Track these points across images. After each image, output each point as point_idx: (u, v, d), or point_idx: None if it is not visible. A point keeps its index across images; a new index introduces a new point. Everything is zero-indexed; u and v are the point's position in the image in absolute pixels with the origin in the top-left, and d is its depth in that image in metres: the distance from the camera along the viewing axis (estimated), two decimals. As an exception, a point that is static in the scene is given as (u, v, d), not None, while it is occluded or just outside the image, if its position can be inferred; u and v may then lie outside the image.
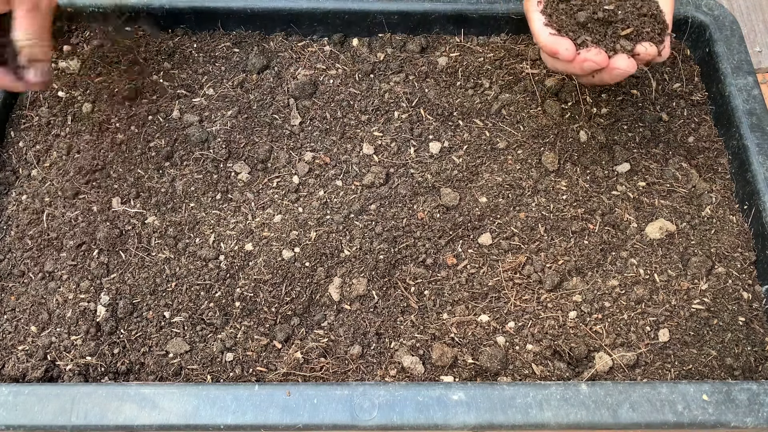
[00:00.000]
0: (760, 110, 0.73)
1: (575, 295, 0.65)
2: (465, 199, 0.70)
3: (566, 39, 0.62)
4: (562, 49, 0.61)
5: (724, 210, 0.71)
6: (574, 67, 0.62)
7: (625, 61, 0.61)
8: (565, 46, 0.61)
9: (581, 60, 0.61)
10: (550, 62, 0.65)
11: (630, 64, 0.61)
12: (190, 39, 0.80)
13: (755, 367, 0.62)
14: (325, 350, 0.62)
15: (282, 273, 0.65)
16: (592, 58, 0.61)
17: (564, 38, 0.62)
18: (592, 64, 0.61)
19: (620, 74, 0.62)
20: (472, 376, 0.61)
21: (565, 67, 0.63)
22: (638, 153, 0.74)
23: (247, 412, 0.55)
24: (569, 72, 0.64)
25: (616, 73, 0.62)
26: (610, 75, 0.62)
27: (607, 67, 0.61)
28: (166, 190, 0.70)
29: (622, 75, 0.62)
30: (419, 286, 0.65)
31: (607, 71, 0.62)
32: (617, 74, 0.62)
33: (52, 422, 0.54)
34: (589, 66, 0.61)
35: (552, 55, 0.62)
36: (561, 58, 0.61)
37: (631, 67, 0.61)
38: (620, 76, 0.62)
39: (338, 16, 0.80)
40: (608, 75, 0.62)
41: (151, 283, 0.65)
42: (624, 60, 0.61)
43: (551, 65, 0.65)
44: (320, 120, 0.75)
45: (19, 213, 0.68)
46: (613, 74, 0.62)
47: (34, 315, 0.63)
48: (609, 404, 0.56)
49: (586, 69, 0.62)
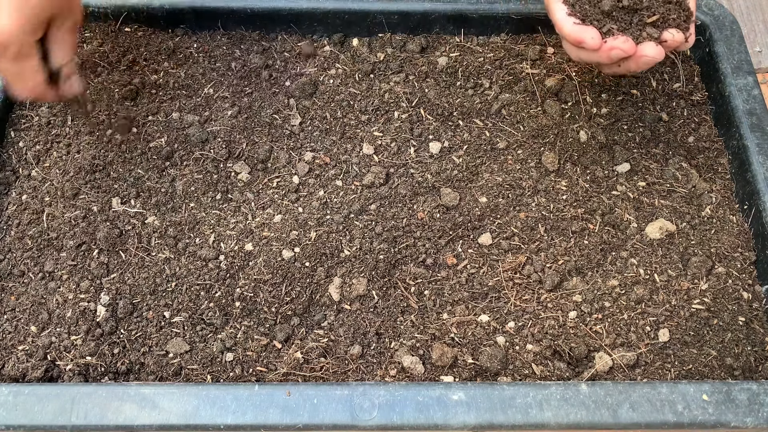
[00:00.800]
0: (760, 110, 0.73)
1: (575, 295, 0.65)
2: (465, 199, 0.70)
3: (592, 28, 0.61)
4: (588, 38, 0.60)
5: (724, 210, 0.71)
6: (601, 55, 0.61)
7: (653, 49, 0.60)
8: (590, 34, 0.60)
9: (608, 48, 0.60)
10: (574, 53, 0.64)
11: (658, 51, 0.60)
12: (190, 39, 0.80)
13: (755, 367, 0.62)
14: (325, 350, 0.62)
15: (282, 273, 0.65)
16: (620, 45, 0.60)
17: (589, 27, 0.61)
18: (620, 52, 0.60)
19: (648, 62, 0.61)
20: (472, 376, 0.61)
21: (590, 57, 0.62)
22: (638, 153, 0.74)
23: (247, 412, 0.55)
24: (594, 61, 0.63)
25: (643, 61, 0.61)
26: (636, 63, 0.61)
27: (635, 55, 0.61)
28: (166, 190, 0.70)
29: (650, 62, 0.61)
30: (419, 286, 0.65)
31: (634, 59, 0.61)
32: (645, 62, 0.61)
33: (52, 422, 0.54)
34: (617, 54, 0.60)
35: (577, 45, 0.61)
36: (587, 47, 0.61)
37: (660, 54, 0.60)
38: (648, 63, 0.61)
39: (338, 16, 0.80)
40: (635, 63, 0.61)
41: (151, 283, 0.65)
42: (652, 47, 0.60)
43: (575, 56, 0.64)
44: (320, 120, 0.75)
45: (19, 213, 0.68)
46: (640, 62, 0.61)
47: (34, 315, 0.63)
48: (609, 404, 0.56)
49: (613, 57, 0.61)
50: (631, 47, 0.60)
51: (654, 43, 0.61)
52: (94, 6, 0.78)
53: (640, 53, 0.61)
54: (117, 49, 0.78)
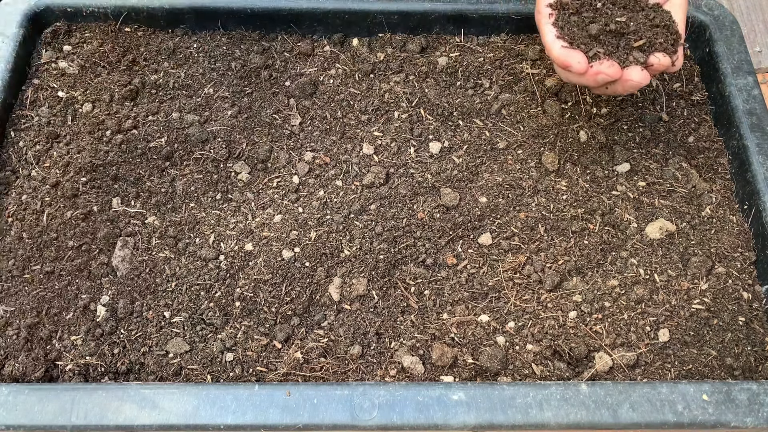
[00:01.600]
0: (760, 110, 0.73)
1: (575, 295, 0.65)
2: (465, 199, 0.70)
3: (578, 52, 0.62)
4: (574, 63, 0.61)
5: (724, 210, 0.71)
6: (588, 79, 0.62)
7: (639, 74, 0.61)
8: (577, 59, 0.61)
9: (594, 73, 0.61)
10: (563, 75, 0.65)
11: (643, 76, 0.61)
12: (190, 39, 0.80)
13: (755, 367, 0.62)
14: (325, 350, 0.62)
15: (282, 273, 0.65)
16: (605, 71, 0.61)
17: (576, 51, 0.62)
18: (605, 76, 0.61)
19: (633, 86, 0.62)
20: (472, 376, 0.61)
21: (579, 80, 0.63)
22: (638, 153, 0.74)
23: (247, 412, 0.55)
24: (582, 84, 0.64)
25: (629, 85, 0.62)
26: (623, 86, 0.62)
27: (621, 79, 0.61)
28: (166, 190, 0.70)
29: (636, 86, 0.62)
30: (419, 286, 0.65)
31: (621, 83, 0.62)
32: (630, 86, 0.62)
33: (52, 422, 0.54)
34: (603, 78, 0.61)
35: (564, 68, 0.62)
36: (573, 71, 0.62)
37: (645, 79, 0.61)
38: (633, 87, 0.62)
39: (338, 16, 0.80)
40: (621, 87, 0.62)
41: (151, 283, 0.65)
42: (637, 72, 0.61)
43: (564, 77, 0.65)
44: (320, 120, 0.75)
45: (19, 213, 0.68)
46: (626, 86, 0.62)
47: (34, 315, 0.63)
48: (609, 404, 0.56)
49: (599, 81, 0.62)
50: (617, 72, 0.61)
51: (640, 67, 0.61)
52: (94, 6, 0.78)
53: (626, 77, 0.61)
54: (117, 49, 0.78)
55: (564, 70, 0.63)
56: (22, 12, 0.77)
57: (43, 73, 0.77)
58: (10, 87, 0.74)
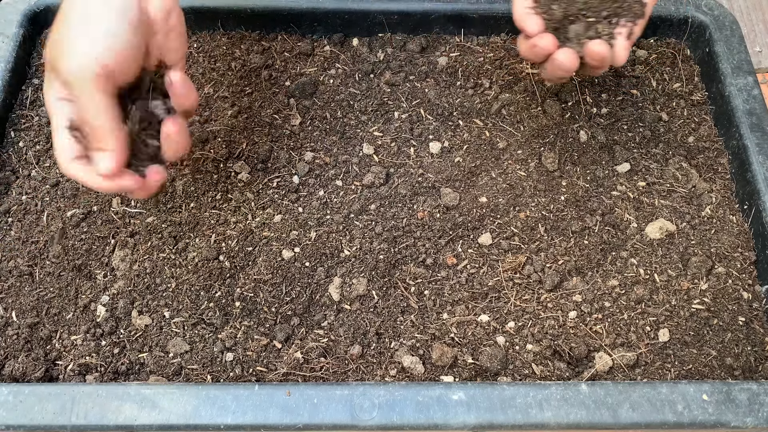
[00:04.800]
0: (760, 110, 0.73)
1: (575, 295, 0.65)
2: (465, 199, 0.70)
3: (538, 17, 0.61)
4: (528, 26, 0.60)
5: (724, 210, 0.71)
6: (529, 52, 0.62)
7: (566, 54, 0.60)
8: (532, 22, 0.61)
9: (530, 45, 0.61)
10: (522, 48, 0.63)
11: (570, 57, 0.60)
12: (189, 39, 0.80)
13: (755, 367, 0.62)
14: (325, 350, 0.62)
15: (282, 273, 0.65)
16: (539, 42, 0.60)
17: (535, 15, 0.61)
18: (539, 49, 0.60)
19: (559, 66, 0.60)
20: (472, 376, 0.61)
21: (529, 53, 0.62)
22: (638, 153, 0.74)
23: (247, 412, 0.55)
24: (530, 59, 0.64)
25: (556, 65, 0.60)
26: (551, 66, 0.61)
27: (550, 57, 0.60)
28: (166, 190, 0.70)
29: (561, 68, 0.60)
30: (419, 286, 0.65)
31: (549, 62, 0.61)
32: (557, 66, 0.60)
33: (52, 422, 0.54)
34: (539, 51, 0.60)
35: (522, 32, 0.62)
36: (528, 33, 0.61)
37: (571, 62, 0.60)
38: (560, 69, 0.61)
39: (338, 16, 0.80)
40: (550, 67, 0.61)
41: (151, 283, 0.65)
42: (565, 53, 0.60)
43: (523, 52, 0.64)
44: (320, 120, 0.75)
45: (20, 213, 0.68)
46: (554, 65, 0.61)
47: (34, 315, 0.63)
48: (609, 404, 0.56)
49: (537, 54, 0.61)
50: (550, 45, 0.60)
51: (570, 50, 0.60)
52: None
53: (554, 56, 0.60)
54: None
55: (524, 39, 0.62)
56: (22, 12, 0.77)
57: (43, 73, 0.77)
58: (10, 87, 0.74)
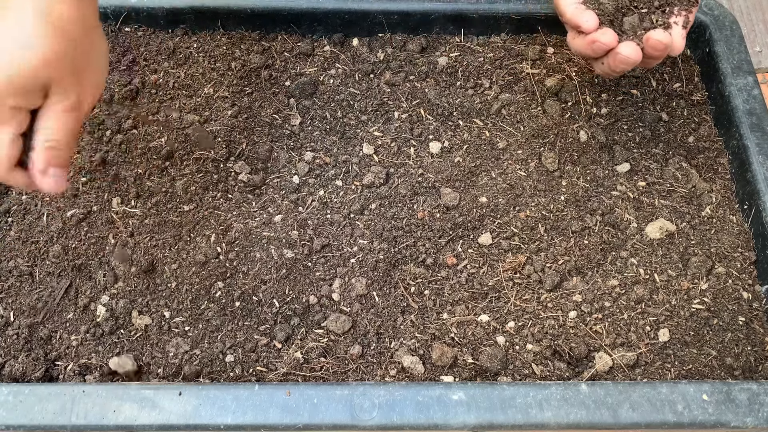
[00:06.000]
0: (760, 110, 0.73)
1: (575, 295, 0.65)
2: (465, 199, 0.70)
3: (590, 12, 0.61)
4: (583, 21, 0.61)
5: (724, 210, 0.71)
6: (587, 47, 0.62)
7: (629, 48, 0.60)
8: (586, 17, 0.61)
9: (590, 40, 0.61)
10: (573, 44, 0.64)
11: (634, 50, 0.60)
12: (190, 39, 0.80)
13: (755, 367, 0.62)
14: (325, 350, 0.62)
15: (282, 273, 0.65)
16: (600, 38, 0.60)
17: (588, 11, 0.61)
18: (601, 45, 0.60)
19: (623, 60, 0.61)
20: (472, 376, 0.61)
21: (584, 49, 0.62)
22: (638, 153, 0.74)
23: (247, 412, 0.55)
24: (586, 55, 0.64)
25: (619, 59, 0.61)
26: (614, 61, 0.61)
27: (612, 51, 0.61)
28: (166, 190, 0.70)
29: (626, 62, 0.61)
30: (419, 286, 0.65)
31: (612, 56, 0.61)
32: (621, 60, 0.61)
33: (52, 422, 0.54)
34: (599, 47, 0.61)
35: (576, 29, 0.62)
36: (584, 30, 0.61)
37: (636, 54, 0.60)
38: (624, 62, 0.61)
39: (338, 16, 0.80)
40: (613, 61, 0.61)
41: (150, 283, 0.65)
42: (629, 46, 0.60)
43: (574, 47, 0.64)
44: (320, 120, 0.75)
45: (20, 213, 0.68)
46: (617, 59, 0.61)
47: (34, 315, 0.63)
48: (609, 404, 0.56)
49: (596, 50, 0.61)
50: (612, 40, 0.60)
51: (633, 42, 0.61)
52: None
53: (617, 50, 0.60)
54: (117, 49, 0.78)
55: (576, 32, 0.62)
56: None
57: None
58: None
